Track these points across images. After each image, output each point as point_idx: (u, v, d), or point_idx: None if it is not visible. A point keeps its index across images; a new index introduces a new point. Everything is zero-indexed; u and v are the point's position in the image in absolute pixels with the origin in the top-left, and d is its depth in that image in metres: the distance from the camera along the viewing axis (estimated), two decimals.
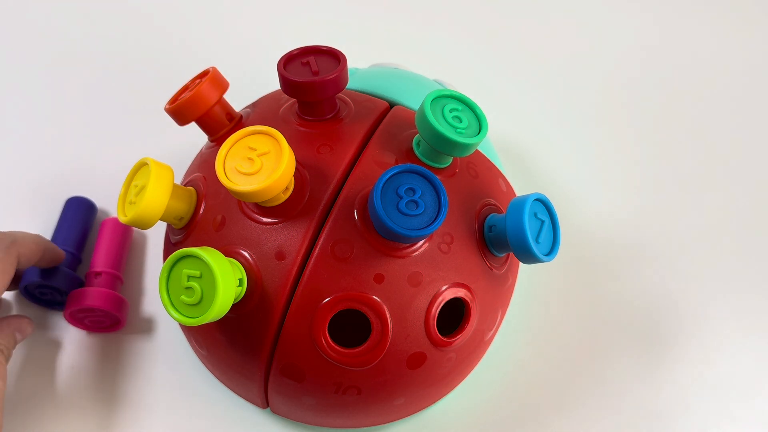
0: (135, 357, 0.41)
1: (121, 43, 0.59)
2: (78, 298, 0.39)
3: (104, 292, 0.39)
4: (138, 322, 0.42)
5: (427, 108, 0.31)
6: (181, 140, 0.45)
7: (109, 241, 0.43)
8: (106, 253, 0.42)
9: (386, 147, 0.34)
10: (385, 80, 0.40)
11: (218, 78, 0.35)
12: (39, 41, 0.58)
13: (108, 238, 0.43)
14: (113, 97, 0.54)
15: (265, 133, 0.30)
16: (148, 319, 0.42)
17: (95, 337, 0.41)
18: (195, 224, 0.33)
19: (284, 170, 0.29)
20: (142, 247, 0.46)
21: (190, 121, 0.35)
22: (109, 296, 0.39)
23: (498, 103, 0.52)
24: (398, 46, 0.61)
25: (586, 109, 0.57)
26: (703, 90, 0.59)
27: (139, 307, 0.43)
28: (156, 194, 0.31)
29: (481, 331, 0.35)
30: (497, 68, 0.60)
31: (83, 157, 0.50)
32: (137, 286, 0.44)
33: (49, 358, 0.40)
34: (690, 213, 0.50)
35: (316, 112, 0.34)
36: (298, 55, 0.34)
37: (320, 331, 0.30)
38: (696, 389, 0.42)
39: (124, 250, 0.44)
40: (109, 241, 0.43)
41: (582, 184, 0.51)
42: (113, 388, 0.39)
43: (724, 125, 0.56)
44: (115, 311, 0.39)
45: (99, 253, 0.43)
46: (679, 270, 0.47)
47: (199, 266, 0.28)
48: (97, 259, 0.42)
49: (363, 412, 0.34)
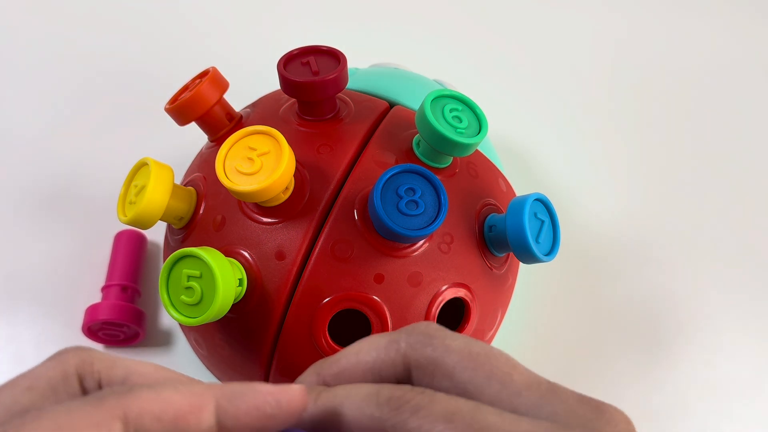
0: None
1: (120, 42, 0.59)
2: (95, 311, 0.38)
3: (122, 305, 0.39)
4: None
5: (427, 108, 0.31)
6: (181, 140, 0.45)
7: (125, 254, 0.43)
8: (122, 266, 0.42)
9: (386, 147, 0.34)
10: (385, 80, 0.40)
11: (218, 78, 0.35)
12: (38, 40, 0.58)
13: (123, 251, 0.43)
14: (113, 97, 0.54)
15: (265, 133, 0.30)
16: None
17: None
18: (195, 224, 0.33)
19: (284, 170, 0.29)
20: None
21: (191, 121, 0.35)
22: (128, 309, 0.39)
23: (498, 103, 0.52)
24: (398, 46, 0.61)
25: (587, 109, 0.57)
26: (705, 90, 0.59)
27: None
28: (156, 194, 0.31)
29: (481, 331, 0.35)
30: (497, 68, 0.60)
31: (83, 157, 0.50)
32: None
33: None
34: (691, 213, 0.50)
35: (316, 112, 0.34)
36: (298, 55, 0.34)
37: (320, 331, 0.30)
38: (696, 389, 0.42)
39: (139, 261, 0.43)
40: (124, 254, 0.43)
41: (582, 184, 0.51)
42: None
43: (727, 125, 0.56)
44: (133, 323, 0.39)
45: (115, 266, 0.42)
46: (680, 270, 0.47)
47: (199, 266, 0.28)
48: (113, 272, 0.42)
49: None
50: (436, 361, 0.18)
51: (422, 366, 0.19)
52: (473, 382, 0.18)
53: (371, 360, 0.19)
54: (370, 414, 0.17)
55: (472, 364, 0.18)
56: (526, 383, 0.18)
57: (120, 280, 0.41)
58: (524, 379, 0.18)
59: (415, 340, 0.19)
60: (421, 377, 0.19)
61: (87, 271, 0.44)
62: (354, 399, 0.18)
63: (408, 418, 0.17)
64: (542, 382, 0.18)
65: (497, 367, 0.18)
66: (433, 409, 0.17)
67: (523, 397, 0.17)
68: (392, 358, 0.19)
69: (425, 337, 0.19)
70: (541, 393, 0.18)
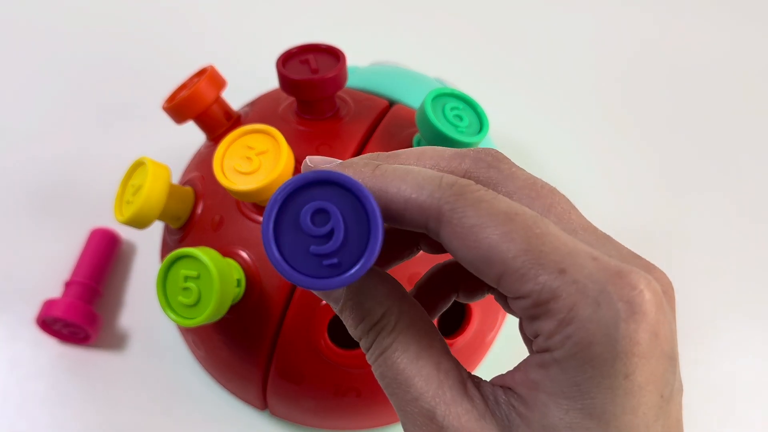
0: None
1: (119, 41, 0.58)
2: (50, 307, 0.38)
3: (79, 305, 0.38)
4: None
5: (428, 106, 0.30)
6: (179, 139, 0.44)
7: (93, 252, 0.42)
8: (89, 264, 0.42)
9: (386, 146, 0.33)
10: (385, 78, 0.39)
11: (216, 76, 0.34)
12: (36, 39, 0.58)
13: (92, 249, 0.42)
14: (110, 96, 0.54)
15: (263, 131, 0.30)
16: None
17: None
18: (193, 224, 0.33)
19: (283, 169, 0.28)
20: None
21: (188, 120, 0.35)
22: (83, 310, 0.38)
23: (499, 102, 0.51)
24: (398, 44, 0.60)
25: (588, 108, 0.57)
26: (706, 88, 0.59)
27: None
28: (153, 194, 0.30)
29: (482, 332, 0.34)
30: (498, 66, 0.59)
31: (80, 157, 0.50)
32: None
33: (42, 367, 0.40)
34: (693, 211, 0.50)
35: (316, 111, 0.34)
36: (297, 53, 0.34)
37: (319, 332, 0.30)
38: (697, 389, 0.41)
39: (108, 262, 0.43)
40: (93, 252, 0.42)
41: (584, 182, 0.51)
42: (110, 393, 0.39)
43: (729, 123, 0.56)
44: (86, 325, 0.38)
45: (81, 263, 0.42)
46: (682, 269, 0.47)
47: (197, 266, 0.28)
48: (79, 269, 0.41)
49: (362, 414, 0.33)
50: (498, 183, 0.18)
51: (482, 184, 0.18)
52: (532, 209, 0.17)
53: (431, 165, 0.18)
54: (430, 192, 0.16)
55: (533, 193, 0.18)
56: (582, 224, 0.17)
57: (83, 278, 0.41)
58: (582, 221, 0.18)
59: (481, 159, 0.18)
60: None
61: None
62: (415, 175, 0.17)
63: (467, 208, 0.16)
64: (598, 230, 0.18)
65: (558, 203, 0.18)
66: (496, 204, 0.16)
67: (579, 236, 0.17)
68: (453, 169, 0.18)
69: (493, 158, 0.18)
70: (597, 236, 0.17)
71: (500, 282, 0.16)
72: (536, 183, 0.18)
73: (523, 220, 0.16)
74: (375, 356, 0.18)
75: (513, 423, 0.16)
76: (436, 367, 0.17)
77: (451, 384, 0.17)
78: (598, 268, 0.15)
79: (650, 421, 0.15)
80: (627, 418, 0.15)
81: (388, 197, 0.17)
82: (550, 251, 0.15)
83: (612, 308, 0.15)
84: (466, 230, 0.16)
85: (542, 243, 0.15)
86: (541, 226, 0.16)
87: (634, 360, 0.15)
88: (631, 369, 0.15)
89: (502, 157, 0.19)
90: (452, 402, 0.16)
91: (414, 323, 0.18)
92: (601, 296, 0.15)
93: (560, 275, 0.15)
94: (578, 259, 0.15)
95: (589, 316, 0.15)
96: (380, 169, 0.17)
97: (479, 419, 0.16)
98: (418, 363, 0.17)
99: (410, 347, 0.17)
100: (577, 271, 0.15)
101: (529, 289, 0.15)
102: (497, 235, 0.15)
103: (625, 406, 0.15)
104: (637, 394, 0.15)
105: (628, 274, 0.15)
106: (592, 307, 0.15)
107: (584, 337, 0.15)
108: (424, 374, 0.17)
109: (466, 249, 0.16)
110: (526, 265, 0.15)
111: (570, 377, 0.15)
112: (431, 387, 0.17)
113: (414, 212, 0.16)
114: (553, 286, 0.15)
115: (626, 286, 0.15)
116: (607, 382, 0.15)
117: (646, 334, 0.15)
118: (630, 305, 0.15)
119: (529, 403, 0.16)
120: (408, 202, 0.16)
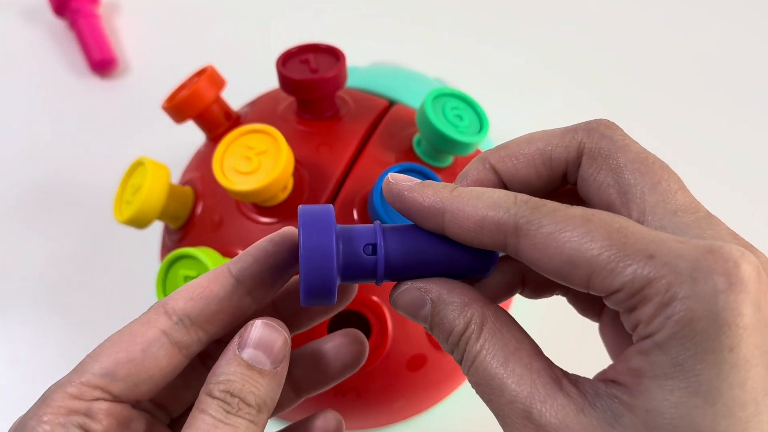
0: None
1: (118, 40, 0.58)
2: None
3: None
4: None
5: (428, 106, 0.30)
6: (179, 139, 0.44)
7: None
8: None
9: (386, 146, 0.33)
10: (385, 78, 0.39)
11: (215, 76, 0.34)
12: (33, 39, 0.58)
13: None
14: (110, 95, 0.54)
15: (263, 131, 0.30)
16: None
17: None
18: (192, 224, 0.33)
19: (282, 169, 0.28)
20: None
21: (188, 119, 0.34)
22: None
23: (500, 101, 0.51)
24: (398, 44, 0.60)
25: (588, 108, 0.57)
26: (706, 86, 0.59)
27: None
28: (152, 194, 0.30)
29: None
30: (498, 66, 0.59)
31: (79, 157, 0.50)
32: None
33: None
34: None
35: (315, 111, 0.34)
36: (297, 52, 0.34)
37: (319, 332, 0.30)
38: None
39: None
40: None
41: None
42: None
43: (730, 122, 0.56)
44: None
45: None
46: None
47: (197, 267, 0.28)
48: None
49: (362, 414, 0.33)
50: (610, 154, 0.18)
51: (594, 156, 0.18)
52: (637, 185, 0.17)
53: (543, 145, 0.19)
54: (506, 208, 0.17)
55: (643, 168, 0.18)
56: (685, 204, 0.17)
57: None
58: (686, 201, 0.17)
59: (594, 129, 0.19)
60: (588, 166, 0.18)
61: (83, 271, 0.43)
62: (491, 194, 0.17)
63: (543, 218, 0.16)
64: (702, 209, 0.18)
65: (666, 180, 0.18)
66: (571, 211, 0.16)
67: (677, 217, 0.17)
68: (566, 143, 0.19)
69: (605, 127, 0.19)
70: (697, 218, 0.17)
71: (590, 282, 0.16)
72: (648, 158, 0.18)
73: (600, 218, 0.16)
74: (467, 367, 0.18)
75: (616, 412, 0.16)
76: (528, 368, 0.17)
77: (544, 382, 0.17)
78: (688, 248, 0.15)
79: (759, 396, 0.15)
80: (734, 392, 0.15)
81: (465, 215, 0.17)
82: (634, 241, 0.15)
83: (709, 282, 0.14)
84: (545, 238, 0.16)
85: (624, 236, 0.15)
86: (619, 221, 0.16)
87: (738, 332, 0.14)
88: (735, 341, 0.14)
89: (615, 126, 0.19)
90: (547, 399, 0.16)
91: (500, 329, 0.18)
92: (696, 272, 0.15)
93: (650, 261, 0.15)
94: (665, 244, 0.15)
95: (687, 293, 0.15)
96: (458, 190, 0.18)
97: (578, 413, 0.16)
98: (509, 366, 0.17)
99: (499, 352, 0.17)
100: (666, 253, 0.15)
101: (621, 282, 0.15)
102: (577, 236, 0.16)
103: (731, 380, 0.14)
104: (743, 367, 0.14)
105: (719, 248, 0.15)
106: (688, 284, 0.15)
107: (685, 314, 0.15)
108: (516, 376, 0.17)
109: (548, 258, 0.16)
110: (613, 258, 0.15)
111: (672, 358, 0.15)
112: (524, 388, 0.17)
113: (491, 229, 0.17)
114: (645, 273, 0.15)
115: (719, 259, 0.15)
116: (711, 357, 0.14)
117: (748, 305, 0.14)
118: (728, 277, 0.14)
119: (632, 390, 0.16)
120: (485, 219, 0.17)
